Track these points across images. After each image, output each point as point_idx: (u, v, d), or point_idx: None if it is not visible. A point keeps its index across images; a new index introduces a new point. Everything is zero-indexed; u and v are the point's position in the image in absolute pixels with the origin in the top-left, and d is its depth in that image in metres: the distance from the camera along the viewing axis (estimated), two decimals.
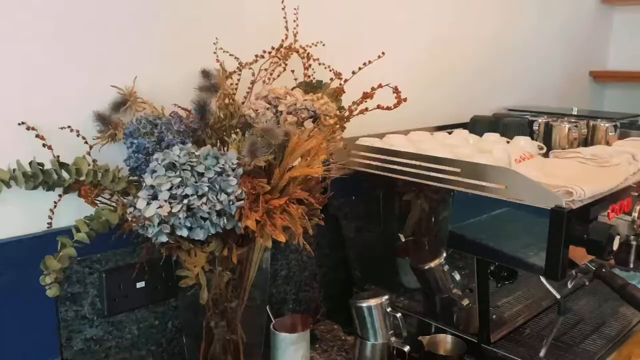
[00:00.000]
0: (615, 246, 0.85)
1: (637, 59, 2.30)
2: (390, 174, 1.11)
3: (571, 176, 0.99)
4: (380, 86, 0.97)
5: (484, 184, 0.94)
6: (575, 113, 1.62)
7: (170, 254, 0.93)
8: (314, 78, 1.17)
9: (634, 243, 1.59)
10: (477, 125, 1.50)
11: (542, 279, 0.95)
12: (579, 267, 1.07)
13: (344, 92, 1.11)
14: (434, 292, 1.16)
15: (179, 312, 1.07)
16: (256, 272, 1.03)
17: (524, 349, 1.02)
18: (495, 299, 1.10)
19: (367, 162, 1.17)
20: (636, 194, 1.04)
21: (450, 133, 1.44)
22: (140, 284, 1.01)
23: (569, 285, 1.08)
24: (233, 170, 0.82)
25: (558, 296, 0.95)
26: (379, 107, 1.00)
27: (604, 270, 1.02)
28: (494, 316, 1.04)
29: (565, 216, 0.84)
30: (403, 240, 1.17)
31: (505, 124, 1.43)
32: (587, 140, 1.40)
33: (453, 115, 1.62)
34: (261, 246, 0.99)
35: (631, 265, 1.48)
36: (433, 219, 1.09)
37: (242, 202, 0.81)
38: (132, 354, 1.02)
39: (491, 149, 1.10)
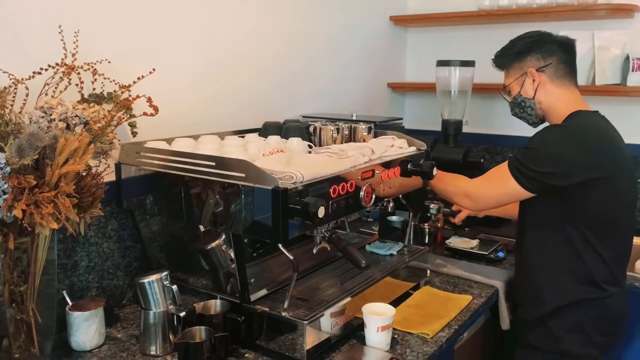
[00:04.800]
0: (321, 214, 1.13)
1: (428, 71, 2.73)
2: (169, 171, 1.32)
3: (305, 165, 1.26)
4: (137, 97, 1.18)
5: (230, 173, 1.19)
6: (354, 118, 1.95)
7: None
8: (104, 90, 1.36)
9: (426, 229, 2.10)
10: (267, 130, 1.76)
11: (279, 245, 1.22)
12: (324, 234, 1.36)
13: (131, 102, 1.30)
14: (217, 268, 1.39)
15: None
16: (45, 259, 1.19)
17: (275, 304, 1.29)
18: (261, 267, 1.35)
19: (154, 162, 1.36)
20: (360, 177, 1.34)
21: (243, 136, 1.69)
22: None
23: (314, 250, 1.36)
24: (1, 169, 0.99)
25: (291, 257, 1.22)
26: (144, 114, 1.21)
27: (333, 236, 1.31)
28: (252, 280, 1.29)
29: (280, 194, 1.11)
30: (200, 229, 1.38)
31: (287, 128, 1.71)
32: (350, 139, 1.72)
33: (252, 120, 1.88)
34: (46, 236, 1.15)
35: (426, 241, 2.08)
36: (218, 208, 1.26)
37: (7, 195, 0.98)
38: None
39: (247, 147, 1.35)
